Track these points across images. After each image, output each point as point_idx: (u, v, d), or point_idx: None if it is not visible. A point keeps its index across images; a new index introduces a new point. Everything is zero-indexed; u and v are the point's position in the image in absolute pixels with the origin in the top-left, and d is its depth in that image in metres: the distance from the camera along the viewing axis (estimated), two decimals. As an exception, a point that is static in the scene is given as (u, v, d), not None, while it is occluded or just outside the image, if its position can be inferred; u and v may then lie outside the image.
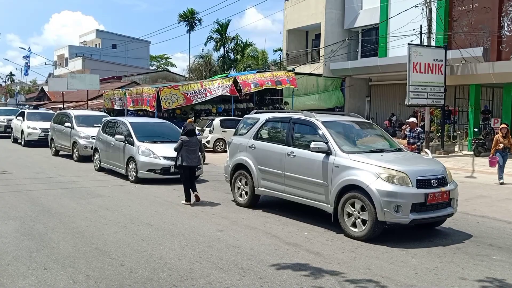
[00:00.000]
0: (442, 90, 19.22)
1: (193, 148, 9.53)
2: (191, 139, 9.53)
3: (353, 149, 7.68)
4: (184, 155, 9.40)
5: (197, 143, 9.66)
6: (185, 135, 9.56)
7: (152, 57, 73.24)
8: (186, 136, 9.54)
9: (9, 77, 70.61)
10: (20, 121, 23.04)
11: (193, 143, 9.55)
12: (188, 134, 9.58)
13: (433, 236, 7.27)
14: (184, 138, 9.49)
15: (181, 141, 9.49)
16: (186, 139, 9.49)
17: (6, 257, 5.71)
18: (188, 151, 9.45)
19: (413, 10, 20.36)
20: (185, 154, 9.41)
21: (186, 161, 9.39)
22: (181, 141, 9.47)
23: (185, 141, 9.46)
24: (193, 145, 9.53)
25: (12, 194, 9.86)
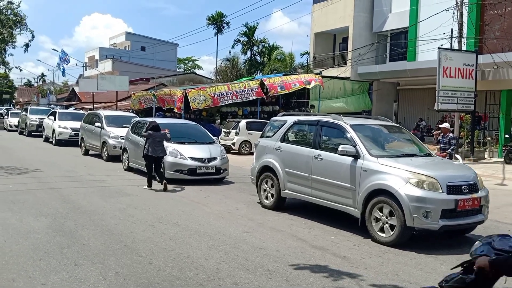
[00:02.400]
0: (473, 95, 18.85)
1: (158, 141, 11.05)
2: (156, 134, 11.04)
3: (381, 153, 7.60)
4: (151, 147, 10.93)
5: (162, 137, 11.15)
6: (151, 130, 11.07)
7: (180, 59, 74.07)
8: (151, 131, 11.05)
9: (41, 77, 72.43)
10: (52, 121, 23.59)
11: (158, 136, 11.06)
12: (153, 129, 11.08)
13: (463, 243, 7.13)
14: (150, 132, 11.04)
15: (148, 134, 11.09)
16: (152, 133, 11.01)
17: (39, 252, 5.86)
18: (154, 143, 10.96)
19: (443, 14, 20.04)
20: (152, 146, 10.94)
21: (151, 152, 10.93)
22: (148, 133, 11.08)
23: (151, 135, 11.01)
24: (158, 138, 11.04)
25: (44, 192, 10.12)
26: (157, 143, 11.04)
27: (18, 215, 7.78)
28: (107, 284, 4.89)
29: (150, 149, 10.93)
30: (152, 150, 10.92)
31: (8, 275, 5.05)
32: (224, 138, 21.28)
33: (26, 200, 9.07)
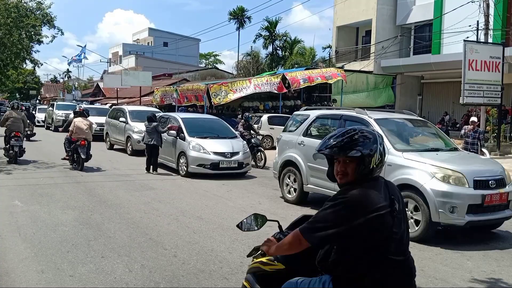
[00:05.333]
0: (499, 88, 18.40)
1: (151, 131, 12.53)
2: (150, 125, 12.58)
3: (406, 147, 7.51)
4: (146, 136, 12.67)
5: (154, 128, 12.49)
6: (147, 121, 12.77)
7: (202, 55, 74.31)
8: (147, 122, 12.75)
9: (66, 73, 73.67)
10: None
11: (151, 128, 12.51)
12: (148, 120, 12.72)
13: (490, 239, 7.01)
14: (145, 123, 12.85)
15: (144, 126, 12.93)
16: (147, 124, 12.69)
17: (66, 244, 5.99)
18: (148, 133, 12.59)
19: (469, 6, 19.61)
20: (146, 136, 12.67)
21: (145, 140, 12.64)
22: (145, 126, 12.92)
23: (146, 126, 12.75)
24: (150, 129, 12.53)
25: (71, 185, 10.32)
26: (149, 133, 12.57)
27: (46, 208, 7.96)
28: (133, 276, 4.97)
29: (145, 138, 12.75)
30: (146, 139, 12.62)
31: (37, 266, 5.18)
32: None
33: (54, 194, 9.28)
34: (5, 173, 11.69)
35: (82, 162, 12.42)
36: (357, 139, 2.47)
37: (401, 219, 2.45)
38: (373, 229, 2.33)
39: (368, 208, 2.33)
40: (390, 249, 2.37)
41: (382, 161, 2.49)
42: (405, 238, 2.48)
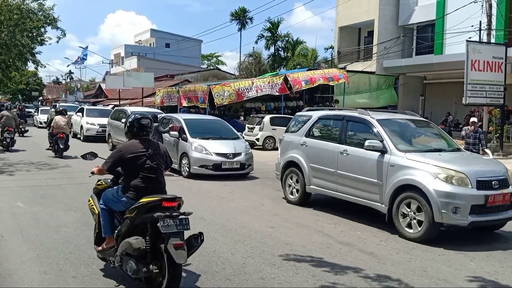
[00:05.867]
0: (502, 89, 18.34)
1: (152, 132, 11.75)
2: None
3: (409, 148, 7.50)
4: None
5: (155, 129, 12.03)
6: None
7: (203, 55, 74.35)
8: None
9: (68, 75, 73.84)
10: (80, 117, 24.04)
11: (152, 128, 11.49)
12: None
13: (493, 240, 7.00)
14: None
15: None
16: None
17: (69, 245, 5.99)
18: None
19: (471, 6, 19.57)
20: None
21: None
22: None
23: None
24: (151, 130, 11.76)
25: (73, 186, 10.33)
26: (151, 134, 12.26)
27: (48, 210, 7.97)
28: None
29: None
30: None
31: (40, 267, 5.18)
32: (248, 134, 21.30)
33: (56, 195, 9.29)
34: (7, 175, 11.72)
35: (61, 151, 15.29)
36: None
37: (153, 158, 4.81)
38: (131, 160, 4.72)
39: (128, 150, 4.78)
40: (143, 170, 4.73)
41: (133, 129, 4.97)
42: (158, 167, 4.86)
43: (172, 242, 4.21)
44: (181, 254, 4.22)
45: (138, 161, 4.68)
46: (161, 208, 4.45)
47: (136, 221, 4.51)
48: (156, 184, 4.79)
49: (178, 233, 4.35)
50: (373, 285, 4.97)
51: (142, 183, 4.70)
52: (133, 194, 4.69)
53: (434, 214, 6.44)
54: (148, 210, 4.45)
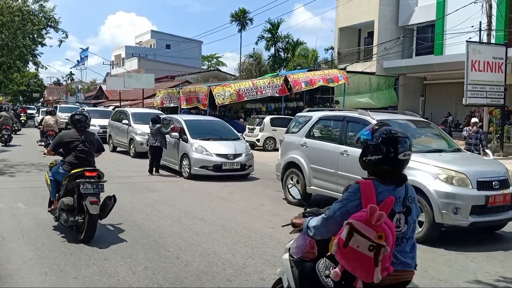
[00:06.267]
0: (502, 89, 18.35)
1: (155, 133, 12.62)
2: (153, 126, 12.67)
3: (409, 148, 7.49)
4: (150, 138, 12.84)
5: (158, 130, 12.58)
6: (151, 122, 12.89)
7: (204, 57, 74.40)
8: (151, 123, 12.84)
9: (69, 76, 73.90)
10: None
11: (155, 129, 12.59)
12: (152, 122, 12.82)
13: (494, 240, 7.00)
14: (150, 125, 12.93)
15: (149, 128, 13.08)
16: (151, 126, 12.79)
17: (70, 246, 5.99)
18: (152, 135, 12.71)
19: (471, 6, 19.57)
20: (150, 137, 12.83)
21: (150, 142, 12.77)
22: (149, 127, 13.04)
23: (150, 128, 12.85)
24: (154, 131, 12.61)
25: (74, 187, 10.31)
26: (153, 135, 12.66)
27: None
28: (136, 278, 4.98)
29: (149, 140, 12.99)
30: (150, 141, 12.79)
31: (41, 268, 5.19)
32: (248, 135, 21.33)
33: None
34: (8, 176, 11.73)
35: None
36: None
37: (85, 143, 6.48)
38: (68, 144, 6.46)
39: (66, 136, 6.59)
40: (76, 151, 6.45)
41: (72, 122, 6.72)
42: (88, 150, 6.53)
43: (89, 200, 6.05)
44: (95, 208, 6.04)
45: (72, 144, 6.53)
46: (84, 176, 6.24)
47: (69, 186, 6.30)
48: (85, 162, 6.51)
49: (94, 194, 6.18)
50: (373, 285, 4.96)
51: (75, 160, 6.48)
52: (68, 167, 6.46)
53: (434, 215, 6.44)
54: (76, 178, 6.23)
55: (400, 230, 2.76)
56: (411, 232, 2.83)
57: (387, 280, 2.64)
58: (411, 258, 2.80)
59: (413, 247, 2.84)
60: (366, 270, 2.56)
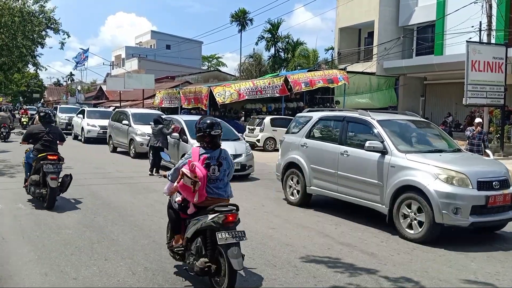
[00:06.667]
0: (502, 89, 18.35)
1: (156, 133, 12.64)
2: (155, 127, 12.70)
3: (410, 148, 7.50)
4: (152, 138, 12.88)
5: (160, 131, 12.56)
6: (153, 123, 12.94)
7: (204, 57, 74.39)
8: (153, 124, 12.91)
9: (69, 76, 73.91)
10: (81, 119, 24.04)
11: (157, 130, 12.61)
12: (154, 122, 12.84)
13: (494, 240, 7.00)
14: (152, 126, 13.00)
15: (151, 128, 13.13)
16: (153, 126, 12.83)
17: (70, 247, 6.00)
18: (154, 135, 12.76)
19: (471, 7, 19.57)
20: (152, 138, 12.87)
21: (151, 142, 12.76)
22: (151, 128, 13.09)
23: (152, 128, 12.88)
24: (156, 131, 12.63)
25: (74, 188, 10.28)
26: (155, 135, 12.72)
27: (49, 211, 7.97)
28: (136, 279, 4.98)
29: (150, 141, 13.07)
30: (151, 141, 12.85)
31: (41, 269, 5.19)
32: (248, 135, 21.32)
33: (57, 197, 9.27)
34: (8, 176, 11.73)
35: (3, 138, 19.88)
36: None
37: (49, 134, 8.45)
38: (35, 135, 8.44)
39: (34, 129, 8.73)
40: (42, 141, 8.38)
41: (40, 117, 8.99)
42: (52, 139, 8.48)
43: (50, 176, 7.99)
44: (54, 183, 8.00)
45: (39, 135, 8.46)
46: (47, 159, 8.13)
47: (36, 166, 8.30)
48: (49, 148, 8.43)
49: (54, 172, 8.08)
50: (374, 285, 4.97)
51: (41, 147, 8.39)
52: (36, 153, 8.40)
53: (434, 215, 6.43)
54: (41, 160, 8.15)
55: (215, 175, 4.89)
56: (223, 176, 5.00)
57: (207, 202, 4.72)
58: (223, 191, 4.96)
59: (225, 185, 5.06)
60: (190, 195, 4.73)
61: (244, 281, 4.99)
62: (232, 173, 5.28)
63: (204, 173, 4.66)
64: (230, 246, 4.39)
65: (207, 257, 4.58)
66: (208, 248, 4.60)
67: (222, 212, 4.54)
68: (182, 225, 5.03)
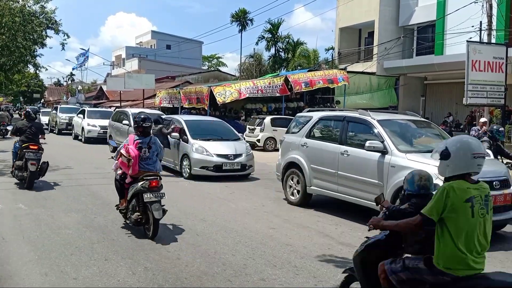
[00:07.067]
0: (503, 89, 18.32)
1: (156, 133, 11.98)
2: (155, 127, 12.17)
3: (410, 148, 7.50)
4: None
5: (159, 131, 12.39)
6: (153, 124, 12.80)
7: (204, 57, 74.40)
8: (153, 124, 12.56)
9: (69, 76, 73.92)
10: (81, 119, 24.03)
11: (157, 130, 12.30)
12: (154, 122, 12.20)
13: (494, 240, 6.92)
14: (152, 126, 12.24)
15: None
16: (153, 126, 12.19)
17: (70, 247, 6.00)
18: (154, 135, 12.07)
19: (472, 6, 19.55)
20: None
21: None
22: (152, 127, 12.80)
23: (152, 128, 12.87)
24: (156, 131, 12.11)
25: (74, 188, 10.34)
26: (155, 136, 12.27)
27: (49, 211, 7.99)
28: (136, 279, 4.98)
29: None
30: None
31: (41, 269, 5.19)
32: (249, 135, 21.31)
33: (57, 197, 9.30)
34: (8, 176, 11.71)
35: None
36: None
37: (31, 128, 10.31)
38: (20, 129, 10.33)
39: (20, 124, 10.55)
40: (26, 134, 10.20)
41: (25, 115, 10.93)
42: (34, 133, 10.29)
43: (30, 162, 9.79)
44: (33, 167, 9.79)
45: (24, 129, 10.21)
46: (29, 149, 9.94)
47: (20, 154, 10.03)
48: (32, 140, 10.14)
49: (34, 159, 9.87)
50: (374, 286, 4.96)
51: (25, 139, 10.12)
52: (21, 143, 10.12)
53: (435, 215, 6.41)
54: (24, 149, 9.96)
55: (145, 155, 6.71)
56: (152, 155, 6.82)
57: (140, 174, 6.57)
58: (152, 166, 6.78)
59: (154, 162, 6.88)
60: (127, 169, 6.60)
61: (246, 281, 4.99)
62: (161, 154, 7.37)
63: (136, 153, 6.57)
64: (153, 203, 6.37)
65: (139, 212, 6.51)
66: (140, 205, 6.52)
67: (148, 179, 6.48)
68: (125, 192, 6.90)
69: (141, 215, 6.49)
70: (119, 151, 6.86)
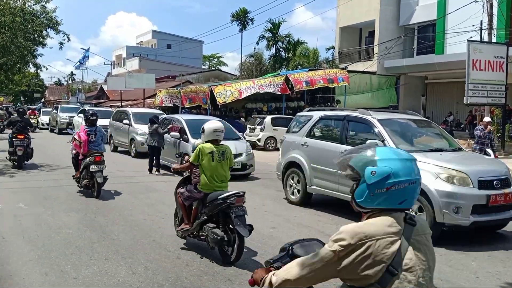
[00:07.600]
0: (503, 88, 18.33)
1: (153, 133, 12.98)
2: (151, 127, 12.97)
3: (410, 147, 7.48)
4: (148, 138, 13.28)
5: (156, 130, 12.86)
6: (149, 122, 13.25)
7: (205, 56, 74.34)
8: (149, 124, 13.20)
9: (70, 76, 73.90)
10: (82, 119, 23.99)
11: (153, 129, 12.92)
12: (150, 122, 13.17)
13: (495, 240, 6.98)
14: (148, 126, 13.33)
15: (147, 128, 13.53)
16: (149, 126, 13.14)
17: (70, 247, 5.99)
18: (150, 135, 13.14)
19: (472, 6, 19.56)
20: (149, 137, 13.26)
21: (148, 142, 13.24)
22: (148, 128, 13.46)
23: (149, 128, 13.20)
24: (152, 131, 12.96)
25: (75, 188, 10.29)
26: (152, 135, 13.03)
27: (50, 211, 7.98)
28: (137, 278, 4.97)
29: (147, 140, 13.42)
30: (149, 140, 13.15)
31: (41, 269, 5.18)
32: (249, 134, 21.31)
33: (58, 196, 9.30)
34: (8, 176, 11.73)
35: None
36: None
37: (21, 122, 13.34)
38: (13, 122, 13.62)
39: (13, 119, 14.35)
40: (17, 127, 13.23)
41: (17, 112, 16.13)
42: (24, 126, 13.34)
43: (17, 148, 12.58)
44: (20, 151, 12.57)
45: (16, 123, 13.00)
46: (17, 138, 12.60)
47: (11, 141, 12.76)
48: (21, 132, 12.72)
49: (20, 145, 12.57)
50: (374, 285, 4.95)
51: (16, 130, 12.80)
52: (13, 134, 12.73)
53: (435, 214, 6.42)
54: (13, 139, 12.71)
55: (92, 139, 9.37)
56: (97, 139, 9.46)
57: (89, 152, 9.27)
58: (98, 148, 9.41)
59: (99, 145, 9.51)
60: (79, 149, 9.43)
61: (246, 280, 4.98)
62: (105, 139, 10.07)
63: (85, 138, 9.20)
64: (97, 172, 9.01)
65: (87, 179, 9.15)
66: (88, 174, 9.13)
67: (94, 156, 9.13)
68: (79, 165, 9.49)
69: (89, 181, 9.14)
70: (73, 137, 9.73)
